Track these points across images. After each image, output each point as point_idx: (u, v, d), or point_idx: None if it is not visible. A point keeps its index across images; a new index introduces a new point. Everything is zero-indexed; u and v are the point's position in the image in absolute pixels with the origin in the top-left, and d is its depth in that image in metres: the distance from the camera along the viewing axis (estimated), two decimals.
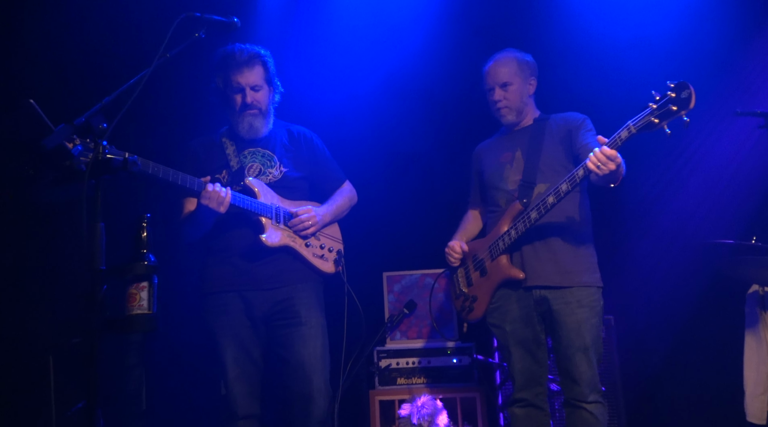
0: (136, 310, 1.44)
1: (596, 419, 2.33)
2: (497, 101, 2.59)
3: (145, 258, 1.50)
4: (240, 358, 2.49)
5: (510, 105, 2.58)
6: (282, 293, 2.54)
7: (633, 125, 2.12)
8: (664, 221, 3.14)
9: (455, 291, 2.73)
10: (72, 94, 2.77)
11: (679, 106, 2.02)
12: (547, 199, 2.34)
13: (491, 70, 2.61)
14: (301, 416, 2.45)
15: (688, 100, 2.01)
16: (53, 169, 1.46)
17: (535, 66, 2.65)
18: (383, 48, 3.62)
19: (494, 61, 2.62)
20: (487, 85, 2.63)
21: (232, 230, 2.53)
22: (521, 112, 2.61)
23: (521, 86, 2.58)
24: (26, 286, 2.67)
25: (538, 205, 2.37)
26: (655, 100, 2.08)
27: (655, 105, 2.07)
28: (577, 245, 2.46)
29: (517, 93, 2.57)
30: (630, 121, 2.14)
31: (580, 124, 2.54)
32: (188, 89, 3.38)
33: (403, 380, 3.28)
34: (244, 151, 2.65)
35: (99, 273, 1.39)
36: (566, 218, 2.46)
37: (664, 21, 3.18)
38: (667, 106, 2.04)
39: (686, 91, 2.02)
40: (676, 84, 2.04)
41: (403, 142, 3.73)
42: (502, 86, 2.57)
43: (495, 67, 2.60)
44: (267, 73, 2.63)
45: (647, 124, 2.09)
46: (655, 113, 2.07)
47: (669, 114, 2.04)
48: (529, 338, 2.48)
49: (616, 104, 3.19)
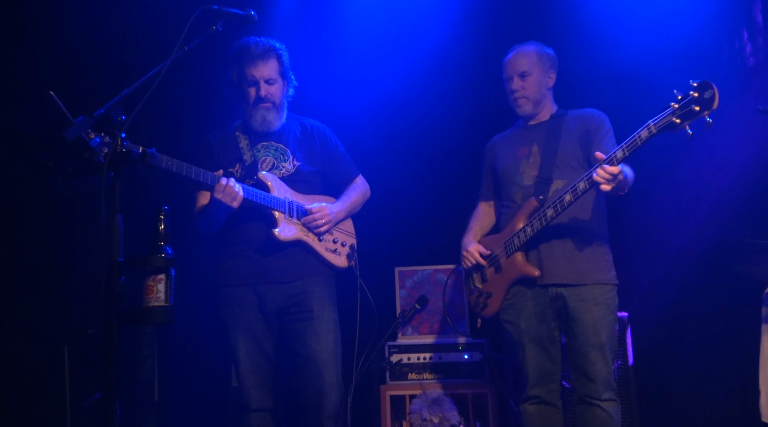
0: (153, 302, 1.45)
1: (610, 417, 2.32)
2: (515, 91, 2.56)
3: (163, 250, 1.50)
4: (253, 351, 2.50)
5: (527, 95, 2.55)
6: (295, 287, 2.54)
7: (654, 125, 2.08)
8: (680, 218, 3.11)
9: (469, 287, 2.72)
10: (89, 86, 2.78)
11: (702, 107, 1.98)
12: (564, 198, 2.32)
13: (511, 60, 2.60)
14: (313, 410, 2.45)
15: (711, 100, 1.97)
16: (72, 161, 1.46)
17: (555, 59, 2.62)
18: (399, 42, 3.61)
19: (515, 52, 2.61)
20: (506, 75, 2.60)
21: (246, 224, 2.54)
22: (538, 103, 2.58)
23: (540, 77, 2.56)
24: (42, 276, 2.69)
25: (554, 203, 2.35)
26: (677, 99, 2.04)
27: (676, 104, 2.03)
28: (593, 243, 2.44)
29: (535, 84, 2.55)
30: (651, 121, 2.10)
31: (598, 124, 2.51)
32: (202, 82, 3.38)
33: (414, 375, 3.28)
34: (258, 145, 2.65)
35: (117, 265, 1.40)
36: (582, 216, 2.44)
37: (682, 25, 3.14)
38: (689, 106, 2.00)
39: (709, 91, 1.98)
40: (699, 83, 2.00)
41: (417, 137, 3.72)
42: (521, 76, 2.55)
43: (515, 57, 2.58)
44: (282, 67, 2.63)
45: (668, 124, 2.05)
46: (677, 113, 2.03)
47: (691, 114, 2.00)
48: (543, 335, 2.47)
49: (633, 103, 3.18)
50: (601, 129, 2.49)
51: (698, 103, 1.99)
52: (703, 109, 1.98)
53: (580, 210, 2.42)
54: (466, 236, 2.73)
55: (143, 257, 1.49)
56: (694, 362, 3.00)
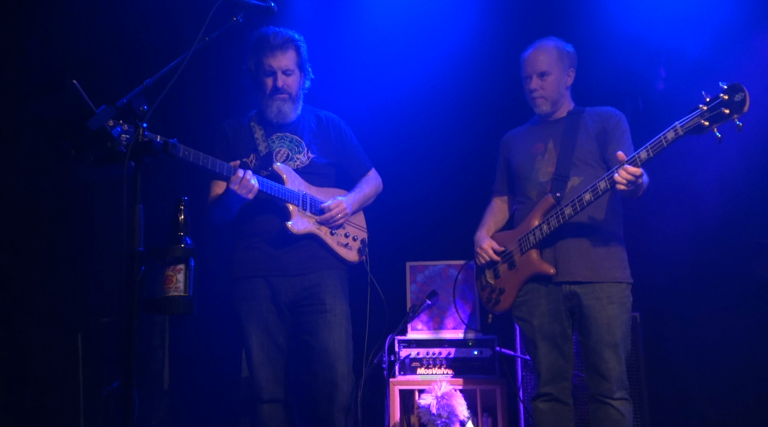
0: (172, 292, 1.45)
1: (622, 416, 2.31)
2: (534, 90, 2.53)
3: (183, 241, 1.50)
4: (265, 343, 2.51)
5: (546, 95, 2.52)
6: (308, 280, 2.55)
7: (680, 127, 2.04)
8: (695, 218, 3.09)
9: (481, 283, 2.71)
10: (110, 76, 2.78)
11: (732, 110, 1.93)
12: (584, 196, 2.30)
13: (531, 57, 2.55)
14: (325, 401, 2.47)
15: (742, 103, 1.92)
16: (94, 150, 1.47)
17: (575, 57, 2.59)
18: (415, 37, 3.60)
19: (534, 48, 2.56)
20: (525, 73, 2.56)
21: (260, 216, 2.55)
22: (557, 102, 2.56)
23: (559, 76, 2.53)
24: (57, 265, 2.70)
25: (573, 202, 2.33)
26: (706, 101, 1.98)
27: (705, 106, 1.98)
28: (609, 241, 2.43)
29: (554, 83, 2.52)
30: (677, 122, 2.05)
31: (616, 123, 2.48)
32: (216, 71, 3.38)
33: (423, 369, 3.28)
34: (273, 136, 2.65)
35: (138, 254, 1.40)
36: (599, 214, 2.42)
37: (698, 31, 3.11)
38: (719, 109, 1.95)
39: (740, 93, 1.93)
40: (729, 86, 1.95)
41: (431, 132, 3.71)
42: (540, 75, 2.52)
43: (535, 55, 2.54)
44: (299, 58, 2.63)
45: (696, 126, 2.00)
46: (706, 116, 1.98)
47: (720, 117, 1.95)
48: (556, 333, 2.46)
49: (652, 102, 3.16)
50: (619, 128, 2.47)
51: (728, 105, 1.94)
52: (733, 112, 1.93)
53: (597, 209, 2.41)
54: (480, 231, 2.72)
55: (163, 247, 1.49)
56: (706, 362, 2.99)
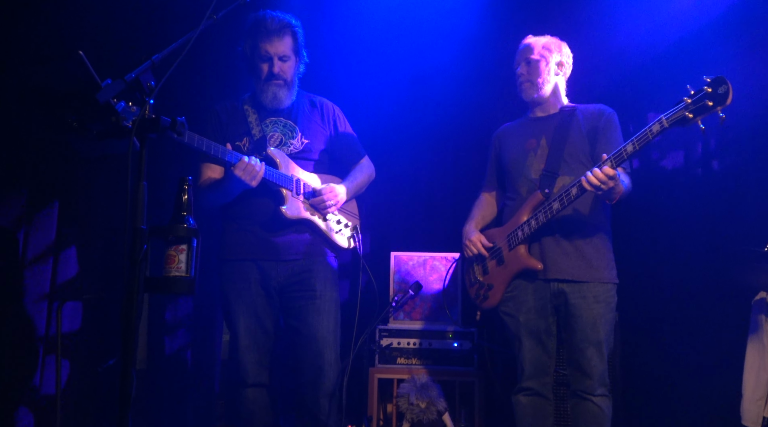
0: (174, 272, 1.44)
1: (602, 412, 2.37)
2: (520, 76, 2.59)
3: (186, 221, 1.48)
4: (252, 327, 2.50)
5: (531, 79, 2.56)
6: (298, 266, 2.54)
7: (666, 119, 2.09)
8: (675, 222, 3.16)
9: (470, 279, 2.73)
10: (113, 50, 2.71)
11: (715, 102, 1.98)
12: (571, 191, 2.33)
13: (521, 48, 2.63)
14: (310, 387, 2.47)
15: (725, 95, 1.98)
16: (98, 124, 1.43)
17: (566, 50, 2.62)
18: (410, 28, 3.58)
19: (525, 40, 2.63)
20: (515, 63, 2.63)
21: (253, 199, 2.52)
22: (541, 88, 2.56)
23: (545, 63, 2.56)
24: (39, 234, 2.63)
25: (560, 196, 2.36)
26: (690, 94, 2.04)
27: (689, 99, 2.04)
28: (597, 240, 2.47)
29: (539, 68, 2.55)
30: (663, 115, 2.10)
31: (607, 121, 2.51)
32: (213, 53, 3.33)
33: (403, 359, 3.30)
34: (266, 121, 2.63)
35: (140, 232, 1.38)
36: (587, 212, 2.46)
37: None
38: (702, 101, 2.01)
39: (723, 86, 1.98)
40: (712, 79, 2.00)
41: (421, 125, 3.71)
42: (527, 62, 2.57)
43: (524, 45, 2.62)
44: (296, 44, 2.60)
45: (681, 118, 2.06)
46: (690, 108, 2.03)
47: (704, 109, 2.01)
48: (541, 329, 2.50)
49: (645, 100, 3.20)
50: (610, 126, 2.50)
51: (712, 98, 1.99)
52: (716, 104, 1.98)
53: (585, 206, 2.44)
54: (468, 224, 2.74)
55: (166, 226, 1.47)
56: (680, 363, 3.07)
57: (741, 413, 2.78)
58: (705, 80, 2.02)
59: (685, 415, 2.99)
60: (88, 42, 2.50)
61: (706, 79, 2.02)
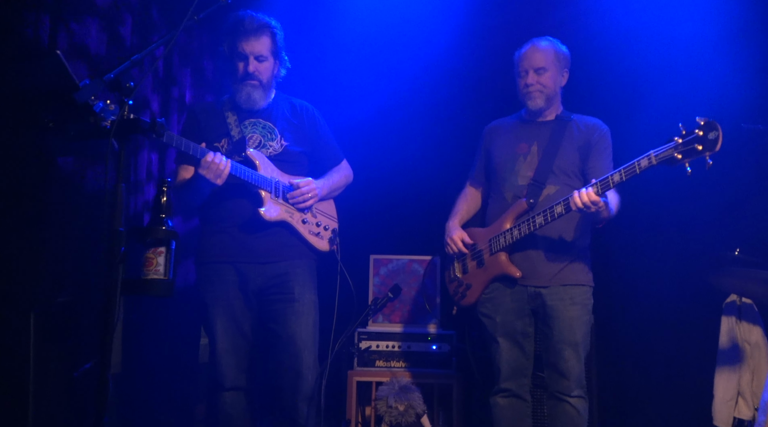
0: (152, 274, 1.42)
1: (578, 413, 2.40)
2: (530, 84, 2.52)
3: (164, 223, 1.47)
4: (230, 330, 2.49)
5: (543, 89, 2.52)
6: (277, 268, 2.53)
7: (655, 156, 2.10)
8: (650, 227, 3.22)
9: (449, 275, 2.76)
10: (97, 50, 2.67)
11: (704, 147, 1.99)
12: (555, 209, 2.34)
13: (528, 54, 2.54)
14: (289, 391, 2.46)
15: (714, 142, 1.98)
16: (76, 124, 1.41)
17: (569, 59, 2.61)
18: (389, 33, 3.59)
19: (531, 46, 2.56)
20: (520, 68, 2.55)
21: (231, 201, 2.51)
22: (550, 100, 2.55)
23: (555, 75, 2.54)
24: (11, 240, 2.58)
25: (545, 212, 2.38)
26: (681, 134, 2.04)
27: (680, 139, 2.04)
28: (577, 250, 2.51)
29: (551, 80, 2.52)
30: (652, 151, 2.11)
31: (599, 138, 2.52)
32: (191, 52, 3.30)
33: (382, 362, 3.31)
34: (246, 122, 2.62)
35: (118, 234, 1.37)
36: (569, 224, 2.48)
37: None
38: (692, 145, 2.01)
39: (714, 132, 1.98)
40: (705, 122, 2.00)
41: (400, 128, 3.73)
42: (537, 71, 2.51)
43: (531, 52, 2.53)
44: (274, 46, 2.59)
45: (669, 158, 2.06)
46: (679, 149, 2.04)
47: (693, 152, 2.01)
48: (518, 331, 2.53)
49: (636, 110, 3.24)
50: (602, 143, 2.52)
51: (702, 142, 1.99)
52: (706, 149, 1.99)
53: (569, 219, 2.45)
54: (451, 220, 2.75)
55: (144, 228, 1.45)
56: (655, 365, 3.13)
57: (713, 414, 2.84)
58: (698, 122, 2.02)
59: (659, 416, 3.05)
60: None
61: (699, 121, 2.02)
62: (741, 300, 2.88)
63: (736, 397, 2.81)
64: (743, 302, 2.87)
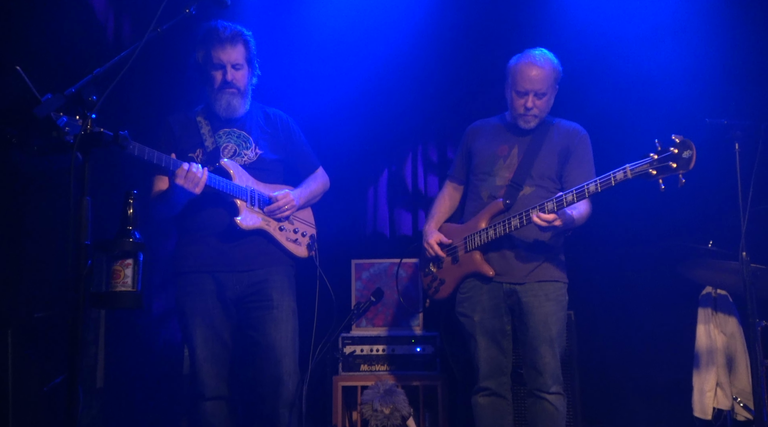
0: (120, 287, 1.42)
1: (557, 411, 2.42)
2: (529, 109, 2.49)
3: (131, 235, 1.47)
4: (210, 339, 2.49)
5: (539, 115, 2.53)
6: (255, 276, 2.53)
7: (630, 170, 2.14)
8: (627, 222, 3.26)
9: (424, 269, 2.79)
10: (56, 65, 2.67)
11: (678, 165, 2.03)
12: (531, 213, 2.37)
13: (529, 74, 2.46)
14: (270, 398, 2.46)
15: (688, 160, 2.02)
16: (39, 139, 1.42)
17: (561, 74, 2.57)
18: (364, 36, 3.61)
19: (533, 64, 2.47)
20: (520, 87, 2.48)
21: (207, 211, 2.51)
22: (542, 120, 2.57)
23: (551, 97, 2.54)
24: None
25: (521, 215, 2.41)
26: (657, 150, 2.08)
27: (656, 156, 2.08)
28: (551, 249, 2.54)
29: (547, 104, 2.53)
30: (628, 165, 2.16)
31: (579, 143, 2.55)
32: (165, 64, 3.30)
33: (367, 366, 3.32)
34: (220, 132, 2.63)
35: (84, 248, 1.37)
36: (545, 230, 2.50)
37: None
38: (667, 162, 2.05)
39: (688, 151, 2.02)
40: (680, 140, 2.04)
41: (377, 131, 3.74)
42: (537, 95, 2.48)
43: (535, 72, 2.46)
44: (248, 53, 2.61)
45: (644, 173, 2.11)
46: (654, 165, 2.08)
47: (667, 169, 2.05)
48: (495, 329, 2.55)
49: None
50: (581, 149, 2.55)
51: (676, 160, 2.04)
52: (680, 167, 2.03)
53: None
54: (429, 223, 2.77)
55: (111, 240, 1.46)
56: (635, 358, 3.16)
57: (692, 405, 2.87)
58: (673, 140, 2.06)
59: (641, 409, 3.08)
60: (28, 57, 2.46)
61: (675, 139, 2.05)
62: (716, 292, 2.93)
63: (715, 388, 2.85)
64: (718, 294, 2.92)
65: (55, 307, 2.65)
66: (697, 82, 3.01)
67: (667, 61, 3.10)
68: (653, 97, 3.14)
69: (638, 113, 3.16)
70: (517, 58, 2.55)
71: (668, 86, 3.07)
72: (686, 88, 3.01)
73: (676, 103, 2.13)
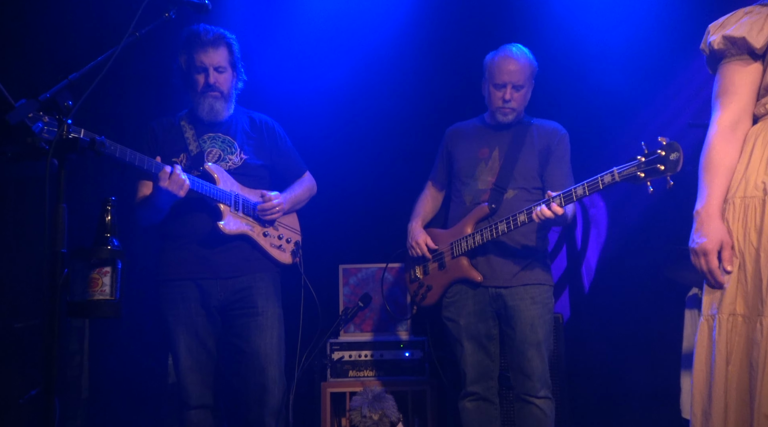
0: (98, 295, 1.39)
1: (545, 415, 2.41)
2: (507, 101, 2.49)
3: (109, 242, 1.45)
4: (194, 347, 2.46)
5: (516, 108, 2.53)
6: (239, 283, 2.51)
7: (618, 173, 2.14)
8: (613, 224, 3.27)
9: (410, 276, 2.78)
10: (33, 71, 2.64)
11: (666, 168, 2.03)
12: (519, 217, 2.36)
13: (507, 67, 2.48)
14: (255, 406, 2.43)
15: (676, 163, 2.01)
16: (13, 145, 1.39)
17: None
18: (348, 38, 3.60)
19: (510, 57, 2.49)
20: (498, 79, 2.49)
21: (190, 216, 2.49)
22: (520, 113, 2.58)
23: (529, 91, 2.55)
24: None
25: (508, 220, 2.40)
26: (644, 153, 2.08)
27: (643, 159, 2.08)
28: (536, 252, 2.54)
29: (525, 97, 2.54)
30: (616, 168, 2.15)
31: (558, 142, 2.55)
32: (148, 69, 3.27)
33: (355, 372, 3.29)
34: (204, 136, 2.61)
35: (60, 256, 1.34)
36: (530, 228, 2.49)
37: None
38: (654, 165, 2.05)
39: (675, 153, 2.02)
40: (667, 143, 2.04)
41: (363, 135, 3.72)
42: (515, 88, 2.49)
43: (512, 65, 2.48)
44: (232, 57, 2.60)
45: (632, 176, 2.10)
46: (642, 168, 2.07)
47: (655, 172, 2.05)
48: (482, 333, 2.54)
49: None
50: (560, 148, 2.55)
51: (663, 163, 2.03)
52: (667, 170, 2.03)
53: (531, 228, 2.47)
54: (414, 221, 2.75)
55: (88, 248, 1.43)
56: (623, 360, 3.16)
57: (681, 406, 2.87)
58: (660, 142, 2.05)
59: (629, 411, 3.08)
60: (3, 62, 2.43)
61: (662, 141, 2.05)
62: (702, 293, 2.92)
63: None
64: None
65: (35, 317, 2.61)
66: (681, 84, 3.02)
67: (650, 62, 3.11)
68: (635, 101, 3.15)
69: (620, 117, 3.17)
70: (494, 53, 2.57)
71: (650, 89, 3.09)
72: (671, 90, 3.03)
73: (658, 106, 2.13)
